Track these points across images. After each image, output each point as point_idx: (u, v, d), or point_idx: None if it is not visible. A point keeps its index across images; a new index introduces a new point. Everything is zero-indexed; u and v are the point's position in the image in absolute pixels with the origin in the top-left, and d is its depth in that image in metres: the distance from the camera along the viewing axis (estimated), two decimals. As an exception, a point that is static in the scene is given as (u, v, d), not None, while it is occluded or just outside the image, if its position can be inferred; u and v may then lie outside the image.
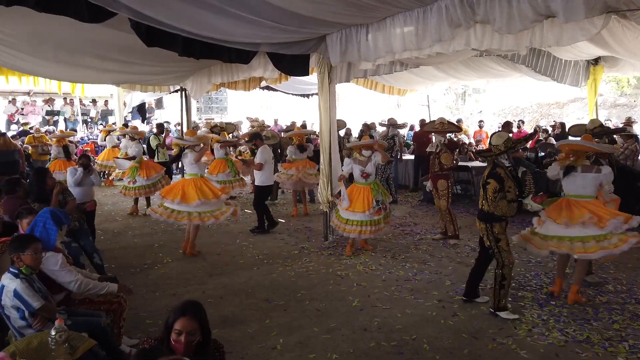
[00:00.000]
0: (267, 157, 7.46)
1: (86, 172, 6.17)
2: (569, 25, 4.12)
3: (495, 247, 4.28)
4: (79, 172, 6.14)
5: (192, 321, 2.17)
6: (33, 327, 2.88)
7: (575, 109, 19.24)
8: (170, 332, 2.18)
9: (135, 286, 5.13)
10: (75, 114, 16.07)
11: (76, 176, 6.11)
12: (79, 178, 6.11)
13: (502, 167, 4.25)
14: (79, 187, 6.09)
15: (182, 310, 2.19)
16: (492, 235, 4.28)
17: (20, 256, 2.93)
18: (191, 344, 2.17)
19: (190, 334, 2.16)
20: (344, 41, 5.98)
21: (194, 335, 2.17)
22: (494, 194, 4.14)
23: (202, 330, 2.21)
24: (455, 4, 4.37)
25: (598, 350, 3.70)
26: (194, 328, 2.17)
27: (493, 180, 4.14)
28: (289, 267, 5.78)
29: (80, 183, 6.14)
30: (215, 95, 20.46)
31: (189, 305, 2.25)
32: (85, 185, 6.19)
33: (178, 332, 2.15)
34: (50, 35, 6.14)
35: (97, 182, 6.40)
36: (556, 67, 8.80)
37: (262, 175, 7.46)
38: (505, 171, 4.22)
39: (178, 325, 2.16)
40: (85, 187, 6.19)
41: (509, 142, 4.27)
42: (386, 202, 6.14)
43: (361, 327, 4.16)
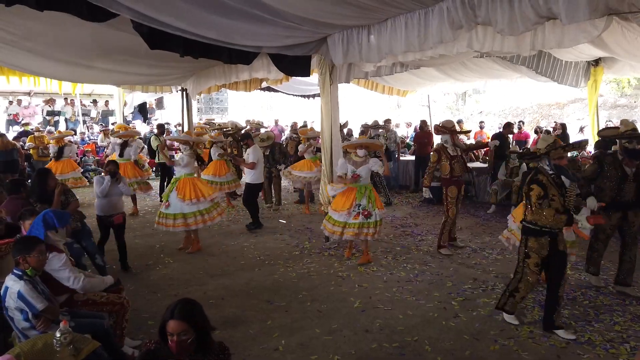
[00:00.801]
0: (258, 156, 7.70)
1: (114, 181, 5.54)
2: (570, 27, 4.12)
3: (522, 261, 4.07)
4: (105, 181, 5.50)
5: (180, 323, 2.19)
6: (37, 328, 2.89)
7: (576, 109, 19.25)
8: (165, 334, 2.22)
9: (136, 287, 5.17)
10: (75, 114, 16.08)
11: (103, 186, 5.47)
12: (106, 188, 5.48)
13: (544, 173, 3.95)
14: (106, 198, 5.53)
15: (171, 313, 2.22)
16: (524, 248, 4.04)
17: (26, 258, 2.93)
18: (185, 343, 2.19)
19: (182, 335, 2.18)
20: (346, 42, 5.99)
21: (186, 335, 2.19)
22: (538, 200, 3.85)
23: (195, 328, 2.22)
24: (456, 6, 4.37)
25: (599, 352, 3.71)
26: (184, 329, 2.19)
27: (536, 185, 3.89)
28: (290, 268, 5.79)
29: (108, 193, 5.53)
30: (216, 96, 20.48)
31: (177, 306, 2.25)
32: (113, 196, 5.58)
33: (170, 334, 2.20)
34: (51, 35, 6.14)
35: (127, 192, 5.82)
36: (556, 67, 8.80)
37: (254, 173, 7.64)
38: (547, 178, 3.92)
39: (168, 327, 2.20)
40: (114, 198, 5.59)
41: (551, 146, 3.95)
42: (371, 211, 5.75)
43: (363, 328, 4.17)
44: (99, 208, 5.62)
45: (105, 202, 5.56)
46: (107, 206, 5.57)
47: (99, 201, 5.58)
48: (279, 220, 8.44)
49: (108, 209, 5.56)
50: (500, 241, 5.44)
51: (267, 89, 12.26)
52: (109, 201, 5.56)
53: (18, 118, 15.13)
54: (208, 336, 2.31)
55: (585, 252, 5.25)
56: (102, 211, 5.62)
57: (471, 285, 5.16)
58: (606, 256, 6.12)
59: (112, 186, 5.54)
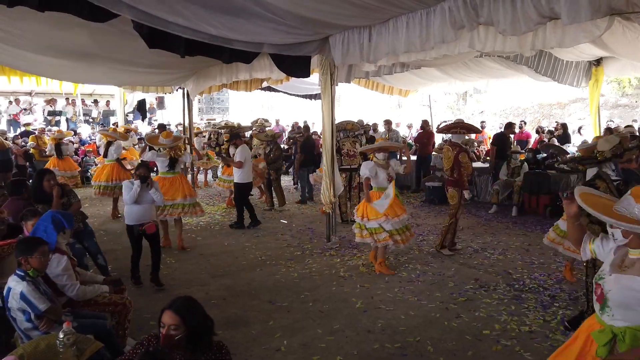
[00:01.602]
0: (246, 155, 7.76)
1: (144, 186, 5.05)
2: (572, 27, 4.12)
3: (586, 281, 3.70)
4: (135, 186, 4.99)
5: (174, 316, 2.21)
6: (39, 329, 2.89)
7: (577, 109, 19.24)
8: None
9: (138, 287, 5.16)
10: (77, 114, 16.09)
11: (132, 191, 4.96)
12: (136, 194, 4.97)
13: (604, 179, 3.51)
14: (136, 205, 5.03)
15: (169, 304, 2.26)
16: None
17: (28, 259, 2.93)
18: (173, 338, 2.20)
19: (172, 328, 2.20)
20: (347, 42, 5.99)
21: (176, 330, 2.20)
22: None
23: (188, 326, 2.22)
24: (458, 6, 4.37)
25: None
26: (176, 323, 2.20)
27: None
28: (292, 268, 5.79)
29: (138, 200, 5.02)
30: (216, 96, 20.48)
31: (177, 300, 2.31)
32: (144, 203, 5.07)
33: (162, 325, 2.23)
34: (51, 35, 6.13)
35: (159, 200, 5.24)
36: (557, 67, 8.80)
37: (242, 173, 7.71)
38: (607, 184, 3.44)
39: (163, 317, 2.23)
40: (145, 205, 5.08)
41: (618, 148, 3.50)
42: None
43: (365, 328, 4.17)
44: (128, 216, 5.11)
45: (135, 210, 5.04)
46: (137, 214, 5.05)
47: (128, 208, 5.07)
48: (280, 220, 8.44)
49: (138, 217, 5.04)
50: (545, 243, 5.21)
51: (268, 88, 12.28)
52: (139, 208, 5.04)
53: (18, 118, 15.14)
54: (205, 336, 2.31)
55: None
56: (131, 219, 5.07)
57: (473, 285, 5.15)
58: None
59: (143, 192, 5.03)
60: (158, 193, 5.16)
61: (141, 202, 5.03)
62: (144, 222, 5.01)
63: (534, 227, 7.67)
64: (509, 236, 7.16)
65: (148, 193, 5.07)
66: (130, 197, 4.96)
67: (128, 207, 5.05)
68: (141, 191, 5.00)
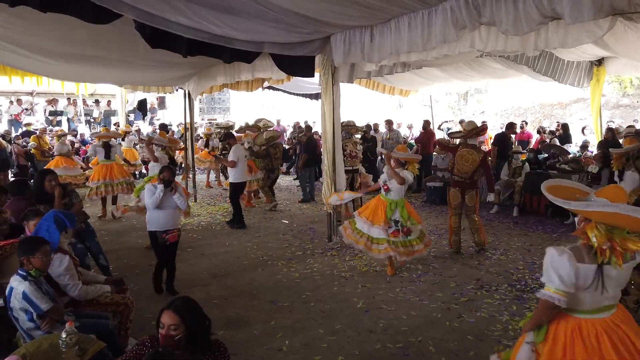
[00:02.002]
0: (239, 155, 7.79)
1: (168, 191, 4.78)
2: (574, 27, 4.11)
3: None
4: (158, 190, 4.74)
5: (173, 316, 2.21)
6: (41, 329, 2.89)
7: (578, 109, 19.23)
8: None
9: (140, 287, 5.16)
10: (78, 114, 16.11)
11: (155, 196, 4.71)
12: (158, 198, 4.71)
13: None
14: (158, 211, 4.80)
15: (168, 304, 2.27)
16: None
17: (29, 259, 2.94)
18: (172, 338, 2.20)
19: (172, 328, 2.20)
20: (348, 42, 5.98)
21: (175, 330, 2.21)
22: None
23: (187, 326, 2.23)
24: (460, 6, 4.36)
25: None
26: (175, 323, 2.20)
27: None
28: (293, 269, 5.79)
29: (161, 205, 4.77)
30: (218, 96, 20.52)
31: (176, 300, 2.31)
32: (167, 208, 4.80)
33: (162, 325, 2.23)
34: (52, 35, 6.12)
35: (183, 205, 4.95)
36: (558, 67, 8.79)
37: (236, 172, 7.75)
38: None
39: (162, 317, 2.24)
40: (168, 210, 4.82)
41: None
42: (411, 227, 5.46)
43: (366, 328, 4.17)
44: (151, 222, 4.89)
45: (157, 216, 4.81)
46: (161, 220, 4.82)
47: (150, 214, 4.85)
48: (281, 220, 8.44)
49: (162, 223, 4.82)
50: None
51: (270, 87, 12.27)
52: (162, 214, 4.80)
53: (20, 118, 15.16)
54: (205, 336, 2.31)
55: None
56: (154, 225, 4.86)
57: (474, 285, 5.15)
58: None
59: (166, 197, 4.76)
60: (182, 198, 4.90)
61: (164, 207, 4.79)
62: (167, 229, 4.79)
63: (535, 228, 7.66)
64: (510, 236, 7.16)
65: (172, 198, 4.82)
66: (152, 201, 4.71)
67: (150, 212, 4.83)
68: (164, 196, 4.75)
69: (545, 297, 2.24)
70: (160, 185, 4.77)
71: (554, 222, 7.97)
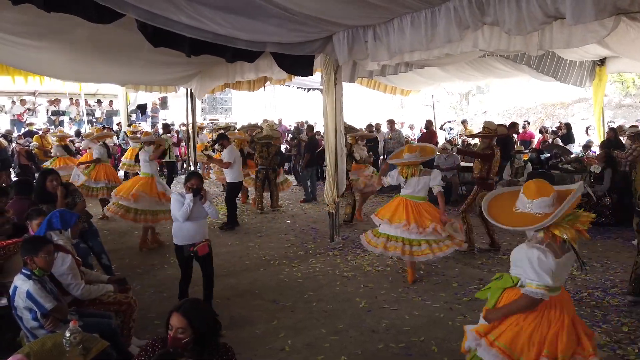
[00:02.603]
0: (235, 156, 7.79)
1: (197, 200, 4.25)
2: (578, 26, 4.10)
3: None
4: (187, 201, 4.20)
5: (182, 319, 2.23)
6: (45, 328, 2.90)
7: (581, 109, 19.19)
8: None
9: (142, 287, 5.18)
10: (80, 114, 16.13)
11: (184, 207, 4.18)
12: (188, 210, 4.18)
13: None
14: (187, 223, 4.25)
15: (177, 307, 2.29)
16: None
17: (33, 258, 2.95)
18: (179, 341, 2.21)
19: (179, 331, 2.22)
20: (351, 40, 5.98)
21: (183, 333, 2.22)
22: None
23: (195, 329, 2.24)
24: (463, 6, 4.36)
25: (607, 353, 3.69)
26: (183, 326, 2.22)
27: None
28: (296, 268, 5.79)
29: (190, 216, 4.23)
30: (219, 96, 20.53)
31: (185, 302, 2.33)
32: (197, 219, 4.29)
33: (170, 327, 2.25)
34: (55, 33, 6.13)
35: (214, 214, 4.46)
36: (560, 67, 8.78)
37: (233, 173, 7.75)
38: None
39: (171, 320, 2.26)
40: (198, 221, 4.31)
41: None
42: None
43: (369, 328, 4.17)
44: (177, 235, 4.35)
45: (186, 228, 4.26)
46: (189, 232, 4.28)
47: (177, 226, 4.30)
48: (284, 220, 8.44)
49: (190, 236, 4.28)
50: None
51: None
52: (191, 226, 4.26)
53: (22, 118, 15.19)
54: (214, 338, 2.32)
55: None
56: (181, 238, 4.32)
57: (477, 285, 5.14)
58: (611, 256, 6.12)
59: (196, 206, 4.24)
60: (212, 207, 4.40)
61: (193, 219, 4.25)
62: (196, 243, 4.29)
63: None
64: (513, 236, 7.14)
65: (201, 207, 4.29)
66: (182, 214, 4.17)
67: (177, 224, 4.29)
68: (194, 206, 4.22)
69: (533, 294, 2.44)
70: (189, 194, 4.22)
71: (556, 222, 7.95)
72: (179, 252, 4.40)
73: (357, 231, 7.49)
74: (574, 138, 11.62)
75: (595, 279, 5.29)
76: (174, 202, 4.27)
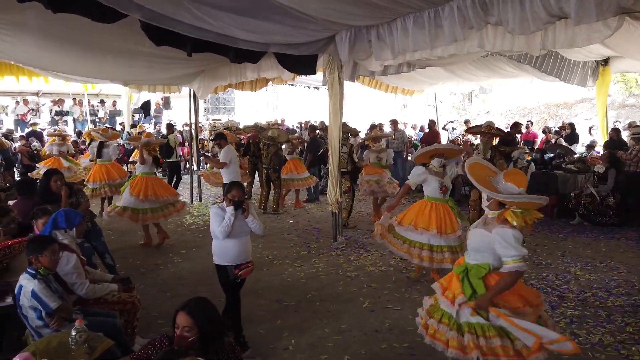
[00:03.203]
0: (232, 156, 7.76)
1: (238, 213, 3.67)
2: (582, 26, 4.10)
3: None
4: (227, 215, 3.63)
5: (187, 317, 2.24)
6: (50, 327, 2.91)
7: (584, 109, 19.14)
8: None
9: (146, 286, 5.19)
10: (83, 114, 16.17)
11: (225, 222, 3.61)
12: (229, 225, 3.61)
13: None
14: (229, 240, 3.67)
15: (183, 306, 2.30)
16: None
17: (38, 258, 2.96)
18: (186, 339, 2.22)
19: (185, 330, 2.23)
20: (353, 40, 5.97)
21: (189, 332, 2.23)
22: None
23: (202, 328, 2.25)
24: (467, 5, 4.35)
25: (611, 353, 3.69)
26: (189, 325, 2.23)
27: None
28: (299, 268, 5.79)
29: (232, 232, 3.65)
30: (222, 96, 20.57)
31: (191, 301, 2.34)
32: (240, 236, 3.70)
33: (176, 326, 2.26)
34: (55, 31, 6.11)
35: (258, 230, 3.81)
36: (563, 67, 8.76)
37: (230, 174, 7.67)
38: None
39: (177, 318, 2.27)
40: (241, 239, 3.72)
41: None
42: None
43: (372, 328, 4.17)
44: (219, 254, 3.76)
45: (228, 246, 3.69)
46: (232, 251, 3.70)
47: (218, 244, 3.73)
48: (286, 220, 8.45)
49: (234, 256, 3.70)
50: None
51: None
52: (234, 244, 3.68)
53: (26, 118, 15.23)
54: (219, 337, 2.33)
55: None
56: (224, 258, 3.74)
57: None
58: (615, 256, 6.11)
59: (238, 221, 3.68)
60: (257, 221, 3.80)
61: (235, 236, 3.68)
62: (240, 263, 3.73)
63: (541, 227, 7.63)
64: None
65: (244, 222, 3.74)
66: (222, 230, 3.61)
67: (217, 241, 3.75)
68: (236, 220, 3.67)
69: (519, 268, 2.75)
70: (230, 207, 3.66)
71: (559, 223, 7.95)
72: (222, 273, 3.80)
73: (360, 231, 7.50)
74: (577, 138, 11.59)
75: (599, 279, 5.27)
76: (213, 216, 3.71)
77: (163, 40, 5.21)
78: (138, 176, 6.90)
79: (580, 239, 7.04)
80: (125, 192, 6.73)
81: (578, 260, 5.97)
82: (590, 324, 4.18)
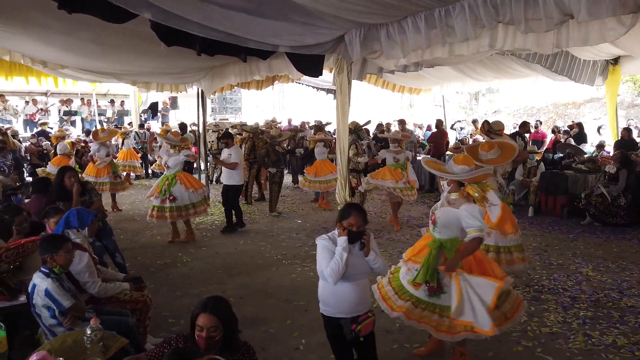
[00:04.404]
0: (240, 157, 7.74)
1: (352, 247, 2.81)
2: (596, 24, 4.05)
3: None
4: (339, 249, 2.75)
5: (212, 318, 2.21)
6: (64, 325, 2.92)
7: (592, 109, 19.00)
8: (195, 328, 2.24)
9: (156, 285, 5.20)
10: (92, 114, 16.26)
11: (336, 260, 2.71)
12: (341, 265, 2.70)
13: None
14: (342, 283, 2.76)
15: (204, 306, 2.25)
16: None
17: (53, 257, 2.97)
18: (213, 339, 2.21)
19: (211, 330, 2.20)
20: (363, 38, 5.94)
21: (215, 332, 2.21)
22: None
23: (225, 326, 2.23)
24: (478, 4, 4.32)
25: (625, 355, 3.65)
26: (215, 324, 2.20)
27: None
28: (308, 268, 5.78)
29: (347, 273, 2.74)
30: (229, 96, 20.60)
31: (211, 301, 2.29)
32: (356, 278, 2.80)
33: (200, 328, 2.21)
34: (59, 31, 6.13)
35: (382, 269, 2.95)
36: (573, 66, 8.66)
37: (237, 174, 7.60)
38: None
39: (199, 321, 2.22)
40: (358, 282, 2.82)
41: None
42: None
43: (383, 328, 4.14)
44: (328, 301, 2.86)
45: (340, 292, 2.77)
46: (346, 299, 2.78)
47: (326, 287, 2.83)
48: (294, 220, 8.45)
49: (348, 305, 2.78)
50: None
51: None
52: (348, 290, 2.77)
53: (34, 118, 15.33)
54: (235, 335, 2.33)
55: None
56: (334, 308, 2.83)
57: (491, 286, 5.10)
58: (627, 257, 6.05)
59: (354, 258, 2.77)
60: (380, 259, 2.86)
61: (350, 278, 2.75)
62: (358, 314, 2.76)
63: (551, 228, 7.59)
64: (526, 237, 7.07)
65: (363, 260, 2.81)
66: (331, 272, 2.70)
67: (326, 285, 2.82)
68: (350, 256, 2.74)
69: (482, 236, 3.24)
70: (342, 238, 2.76)
71: (569, 223, 7.88)
72: (332, 327, 2.88)
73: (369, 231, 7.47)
74: (586, 138, 11.49)
75: (611, 280, 5.23)
76: (321, 250, 2.81)
77: (173, 40, 5.21)
78: (178, 173, 6.91)
79: (591, 239, 6.98)
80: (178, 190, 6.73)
81: (589, 260, 5.92)
82: (604, 325, 4.14)
